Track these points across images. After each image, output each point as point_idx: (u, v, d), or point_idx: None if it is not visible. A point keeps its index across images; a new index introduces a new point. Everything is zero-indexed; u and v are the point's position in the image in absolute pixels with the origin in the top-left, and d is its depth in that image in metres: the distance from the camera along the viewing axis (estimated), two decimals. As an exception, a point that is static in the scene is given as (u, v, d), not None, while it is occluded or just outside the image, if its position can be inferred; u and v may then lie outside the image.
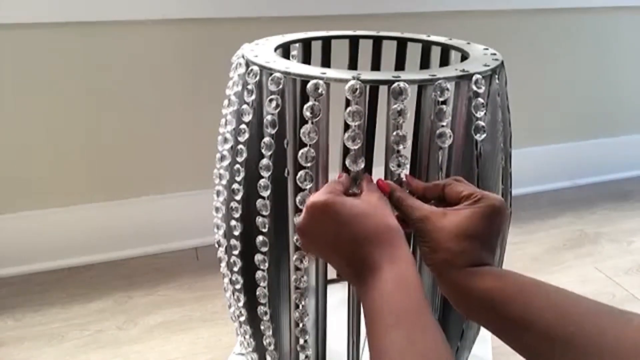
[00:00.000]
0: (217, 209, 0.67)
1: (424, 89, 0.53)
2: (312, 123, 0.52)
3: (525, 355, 0.41)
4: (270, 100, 0.55)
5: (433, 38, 0.74)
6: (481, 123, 0.55)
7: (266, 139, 0.56)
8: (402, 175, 0.52)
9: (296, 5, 1.11)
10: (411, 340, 0.37)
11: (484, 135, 0.56)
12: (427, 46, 0.74)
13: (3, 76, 1.01)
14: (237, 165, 0.60)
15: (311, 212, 0.47)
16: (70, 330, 0.97)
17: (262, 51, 0.62)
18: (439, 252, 0.45)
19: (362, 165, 0.52)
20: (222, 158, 0.63)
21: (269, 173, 0.57)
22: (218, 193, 0.66)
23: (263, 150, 0.57)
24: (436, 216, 0.46)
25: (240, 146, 0.59)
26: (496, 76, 0.58)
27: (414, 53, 0.77)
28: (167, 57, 1.09)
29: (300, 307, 0.61)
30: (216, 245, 0.70)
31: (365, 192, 0.50)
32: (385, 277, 0.41)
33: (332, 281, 1.01)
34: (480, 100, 0.54)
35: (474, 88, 0.54)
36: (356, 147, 0.51)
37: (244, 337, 0.72)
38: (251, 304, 0.65)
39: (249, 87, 0.57)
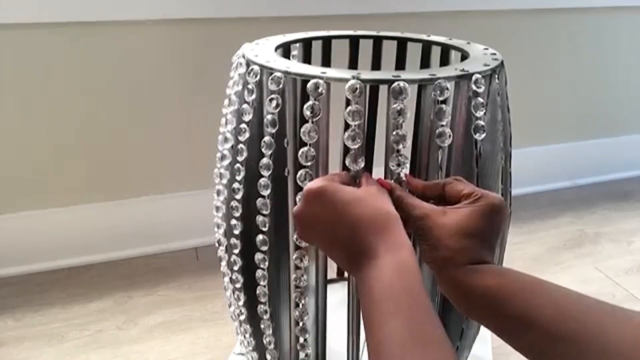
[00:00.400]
0: (217, 208, 0.67)
1: (424, 88, 0.53)
2: (312, 122, 0.52)
3: (526, 353, 0.41)
4: (271, 100, 0.55)
5: (433, 38, 0.74)
6: (481, 123, 0.56)
7: (266, 138, 0.56)
8: (402, 175, 0.52)
9: (296, 5, 1.11)
10: (411, 329, 0.36)
11: (483, 135, 0.56)
12: (427, 46, 0.74)
13: (3, 76, 1.01)
14: (238, 165, 0.60)
15: (308, 198, 0.46)
16: (70, 330, 0.98)
17: (263, 51, 0.62)
18: (439, 249, 0.45)
19: (362, 165, 0.52)
20: (223, 157, 0.63)
21: (269, 172, 0.57)
22: (218, 192, 0.66)
23: (263, 150, 0.57)
24: (436, 214, 0.46)
25: (241, 145, 0.59)
26: (496, 76, 0.58)
27: (414, 53, 0.77)
28: (167, 57, 1.09)
29: (300, 306, 0.61)
30: (216, 244, 0.70)
31: (364, 184, 0.50)
32: (383, 264, 0.41)
33: (332, 281, 1.01)
34: (480, 99, 0.55)
35: (474, 88, 0.54)
36: (356, 147, 0.51)
37: (244, 336, 0.72)
38: (251, 303, 0.65)
39: (250, 86, 0.57)
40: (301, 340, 0.63)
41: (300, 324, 0.62)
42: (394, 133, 0.51)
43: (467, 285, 0.44)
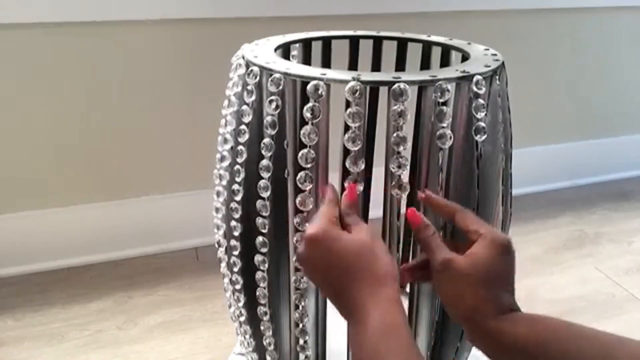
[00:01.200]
0: (217, 210, 0.67)
1: (425, 89, 0.53)
2: (312, 124, 0.51)
3: None
4: (270, 101, 0.54)
5: (433, 38, 0.74)
6: (482, 124, 0.55)
7: (266, 140, 0.56)
8: (419, 194, 0.53)
9: (296, 5, 1.11)
10: None
11: (484, 137, 0.56)
12: (427, 46, 0.74)
13: (3, 76, 1.01)
14: (237, 166, 0.60)
15: (308, 244, 0.48)
16: (70, 330, 0.98)
17: (262, 51, 0.62)
18: (466, 298, 0.46)
19: (362, 167, 0.52)
20: (222, 159, 0.63)
21: (269, 174, 0.57)
22: (218, 193, 0.66)
23: (263, 151, 0.57)
24: (458, 263, 0.47)
25: (240, 147, 0.59)
26: (497, 77, 0.58)
27: (414, 53, 0.76)
28: (166, 57, 1.09)
29: (300, 307, 0.61)
30: (216, 246, 0.70)
31: (357, 228, 0.49)
32: (372, 321, 0.42)
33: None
34: (481, 101, 0.54)
35: (475, 89, 0.54)
36: (356, 149, 0.51)
37: (244, 337, 0.72)
38: (251, 304, 0.65)
39: (249, 87, 0.57)
40: (301, 342, 0.63)
41: (300, 325, 0.62)
42: (395, 135, 0.51)
43: (498, 334, 0.45)
